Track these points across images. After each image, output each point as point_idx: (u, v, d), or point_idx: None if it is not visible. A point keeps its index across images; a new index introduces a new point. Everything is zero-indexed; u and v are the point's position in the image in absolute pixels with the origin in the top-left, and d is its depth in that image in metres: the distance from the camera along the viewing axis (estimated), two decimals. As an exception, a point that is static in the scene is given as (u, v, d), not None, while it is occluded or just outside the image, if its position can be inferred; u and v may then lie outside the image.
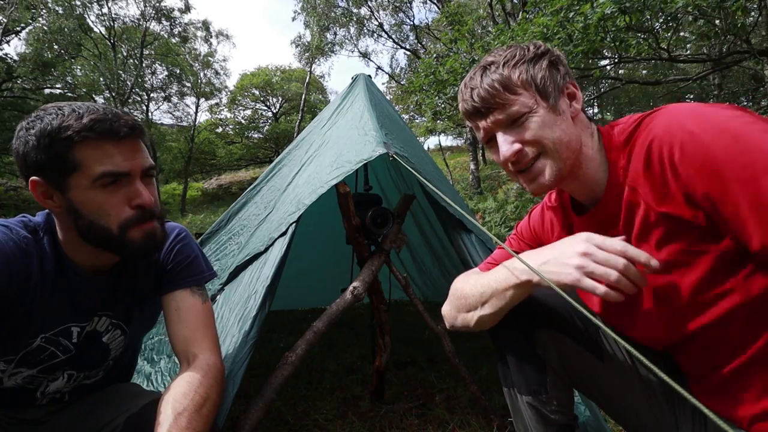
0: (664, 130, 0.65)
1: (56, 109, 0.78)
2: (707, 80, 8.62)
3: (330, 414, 1.73)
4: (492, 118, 0.77)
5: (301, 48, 18.43)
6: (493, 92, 0.76)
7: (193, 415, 0.78)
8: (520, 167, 0.78)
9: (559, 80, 0.77)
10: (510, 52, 0.78)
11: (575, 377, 0.92)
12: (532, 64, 0.76)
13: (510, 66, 0.76)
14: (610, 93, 15.75)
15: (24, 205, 13.70)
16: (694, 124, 0.62)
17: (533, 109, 0.75)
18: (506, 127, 0.77)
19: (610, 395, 0.90)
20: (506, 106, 0.75)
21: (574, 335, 0.90)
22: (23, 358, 0.83)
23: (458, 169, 15.53)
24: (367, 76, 2.35)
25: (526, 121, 0.75)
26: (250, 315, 1.27)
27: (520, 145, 0.76)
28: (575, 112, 0.78)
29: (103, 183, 0.78)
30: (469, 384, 1.60)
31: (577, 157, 0.77)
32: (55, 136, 0.75)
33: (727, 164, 0.58)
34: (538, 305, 0.91)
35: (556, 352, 0.90)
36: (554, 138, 0.74)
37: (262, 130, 23.49)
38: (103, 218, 0.79)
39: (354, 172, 1.54)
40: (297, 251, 2.62)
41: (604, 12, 3.72)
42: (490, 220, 7.27)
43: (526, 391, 0.92)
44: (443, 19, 10.05)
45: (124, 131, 0.79)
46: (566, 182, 0.80)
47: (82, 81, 15.50)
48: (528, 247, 1.01)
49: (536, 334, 0.91)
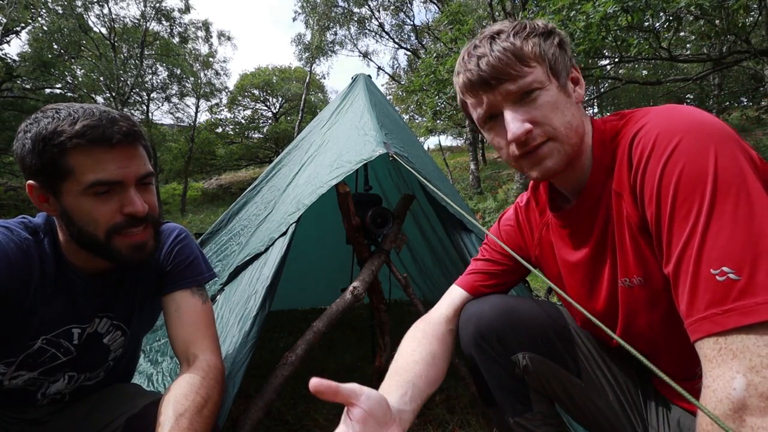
0: (648, 131, 0.63)
1: (54, 112, 0.76)
2: (707, 80, 8.62)
3: (330, 414, 1.73)
4: (502, 89, 0.68)
5: (302, 47, 18.44)
6: (507, 60, 0.67)
7: (195, 416, 0.78)
8: (526, 149, 0.70)
9: (567, 61, 0.73)
10: (519, 24, 0.71)
11: (555, 396, 0.91)
12: (544, 38, 0.70)
13: (522, 37, 0.69)
14: (610, 93, 15.75)
15: (24, 205, 13.71)
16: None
17: (545, 84, 0.69)
18: (515, 103, 0.69)
19: (589, 411, 0.88)
20: (519, 77, 0.68)
21: (553, 356, 0.88)
22: (24, 360, 0.83)
23: (458, 169, 15.53)
24: (367, 76, 2.35)
25: (538, 98, 0.68)
26: (250, 315, 1.27)
27: (530, 125, 0.68)
28: (579, 97, 0.74)
29: (95, 191, 0.77)
30: (469, 384, 1.59)
31: (581, 144, 0.73)
32: (48, 142, 0.73)
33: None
34: (517, 328, 0.88)
35: (536, 374, 0.88)
36: (564, 121, 0.69)
37: (262, 130, 23.49)
38: (90, 225, 0.78)
39: (354, 172, 1.54)
40: (297, 251, 2.62)
41: (606, 11, 3.72)
42: (490, 220, 7.27)
43: (512, 413, 0.90)
44: (443, 18, 10.05)
45: (117, 138, 0.76)
46: (567, 171, 0.75)
47: (82, 81, 15.49)
48: (499, 255, 0.98)
49: (516, 357, 0.88)
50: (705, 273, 0.52)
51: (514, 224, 0.97)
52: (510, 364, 0.88)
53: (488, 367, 0.90)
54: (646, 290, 0.70)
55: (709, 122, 0.59)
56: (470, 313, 0.92)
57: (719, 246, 0.52)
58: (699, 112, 0.61)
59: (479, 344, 0.89)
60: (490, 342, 0.88)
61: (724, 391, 0.48)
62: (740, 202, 0.53)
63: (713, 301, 0.51)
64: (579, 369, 0.88)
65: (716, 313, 0.51)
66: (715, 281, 0.51)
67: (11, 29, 13.01)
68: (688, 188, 0.56)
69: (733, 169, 0.54)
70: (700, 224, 0.54)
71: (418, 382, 0.80)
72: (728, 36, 4.72)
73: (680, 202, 0.56)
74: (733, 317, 0.49)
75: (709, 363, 0.51)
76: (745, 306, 0.49)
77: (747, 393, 0.46)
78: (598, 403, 0.86)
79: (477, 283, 0.97)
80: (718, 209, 0.53)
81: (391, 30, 16.78)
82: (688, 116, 0.61)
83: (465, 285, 0.99)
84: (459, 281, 1.01)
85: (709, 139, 0.57)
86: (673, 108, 0.64)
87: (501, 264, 0.97)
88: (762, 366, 0.47)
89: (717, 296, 0.51)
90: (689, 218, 0.55)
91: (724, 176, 0.54)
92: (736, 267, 0.50)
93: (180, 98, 19.90)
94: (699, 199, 0.54)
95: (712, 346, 0.51)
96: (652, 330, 0.73)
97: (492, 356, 0.88)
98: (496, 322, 0.87)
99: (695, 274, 0.53)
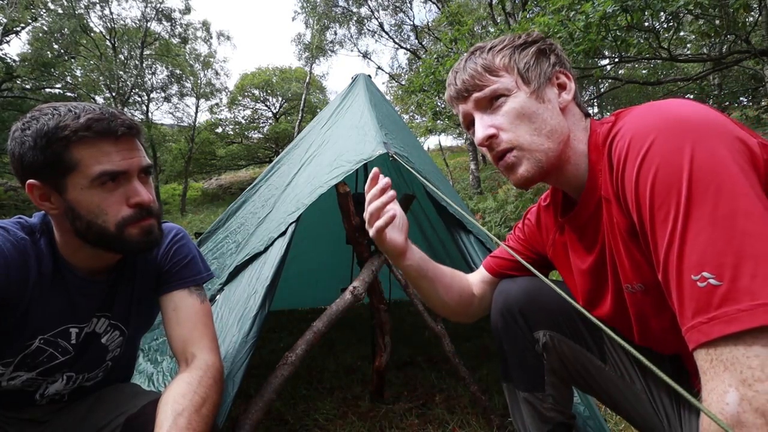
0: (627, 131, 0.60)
1: (52, 110, 0.77)
2: (707, 80, 8.61)
3: (330, 414, 1.73)
4: (471, 98, 0.76)
5: (301, 47, 18.44)
6: (475, 74, 0.75)
7: (193, 415, 0.78)
8: (495, 155, 0.75)
9: (547, 68, 0.74)
10: (500, 39, 0.78)
11: (576, 376, 0.92)
12: (519, 50, 0.75)
13: (495, 51, 0.76)
14: (610, 93, 15.73)
15: (24, 205, 13.70)
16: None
17: (512, 92, 0.72)
18: (485, 109, 0.75)
19: (613, 394, 0.89)
20: (485, 86, 0.74)
21: (576, 337, 0.90)
22: (22, 360, 0.83)
23: (458, 169, 15.52)
24: (367, 76, 2.35)
25: (504, 104, 0.73)
26: (249, 315, 1.26)
27: (494, 130, 0.73)
28: (564, 102, 0.74)
29: (102, 182, 0.78)
30: (469, 384, 1.59)
31: (563, 150, 0.72)
32: (52, 136, 0.74)
33: None
34: (540, 307, 0.91)
35: (556, 353, 0.91)
36: (532, 128, 0.71)
37: (262, 130, 23.47)
38: (100, 218, 0.79)
39: (354, 172, 1.54)
40: (297, 251, 2.62)
41: (605, 11, 3.71)
42: (490, 220, 7.27)
43: (524, 388, 0.94)
44: (443, 19, 10.05)
45: (122, 130, 0.79)
46: (553, 177, 0.76)
47: (82, 81, 15.48)
48: (522, 248, 1.00)
49: (537, 334, 0.91)
50: (687, 280, 0.50)
51: (534, 222, 0.98)
52: (532, 340, 0.92)
53: (510, 339, 0.94)
54: (649, 296, 0.68)
55: (687, 117, 0.55)
56: (501, 288, 0.98)
57: (697, 250, 0.49)
58: (682, 106, 0.57)
59: (505, 317, 0.94)
60: (514, 316, 0.92)
61: (718, 406, 0.46)
62: (720, 201, 0.49)
63: (698, 309, 0.49)
64: (604, 354, 0.89)
65: (702, 322, 0.48)
66: (698, 288, 0.49)
67: (11, 29, 13.00)
68: (663, 190, 0.53)
69: (712, 165, 0.50)
70: (678, 228, 0.51)
71: (434, 268, 0.97)
72: (728, 36, 4.72)
73: (657, 206, 0.54)
74: (716, 326, 0.47)
75: (704, 375, 0.49)
76: (726, 314, 0.46)
77: (741, 408, 0.44)
78: (624, 389, 0.87)
79: (499, 268, 1.03)
80: (696, 210, 0.50)
81: (391, 30, 16.78)
82: (665, 113, 0.57)
83: (488, 267, 1.05)
84: (484, 263, 1.07)
85: (685, 136, 0.53)
86: (654, 105, 0.61)
87: (522, 255, 1.00)
88: (754, 379, 0.44)
89: (701, 304, 0.48)
90: (667, 222, 0.52)
91: (699, 174, 0.50)
92: (716, 272, 0.47)
93: (180, 98, 19.93)
94: (675, 201, 0.52)
95: (705, 358, 0.49)
96: (665, 333, 0.71)
97: (515, 330, 0.93)
98: (522, 298, 0.92)
99: (679, 281, 0.51)
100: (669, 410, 0.83)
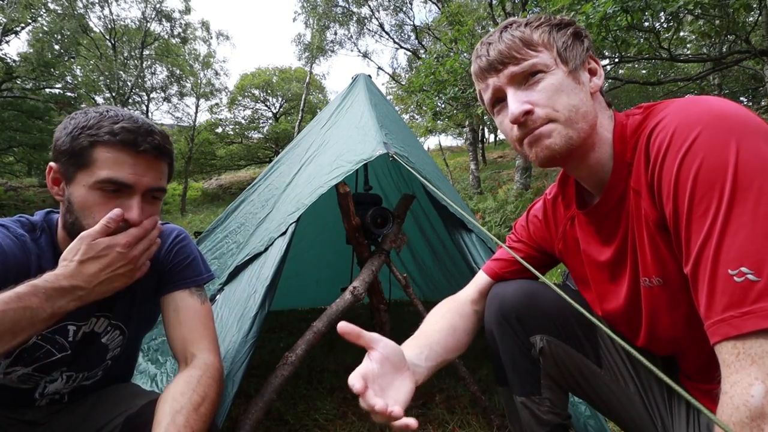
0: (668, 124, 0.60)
1: (104, 110, 0.83)
2: (707, 80, 8.62)
3: (330, 414, 1.73)
4: (506, 72, 0.70)
5: (302, 47, 18.43)
6: (513, 46, 0.70)
7: (191, 414, 0.78)
8: (526, 131, 0.70)
9: (582, 51, 0.72)
10: (534, 16, 0.74)
11: (572, 381, 0.92)
12: (557, 29, 0.72)
13: (533, 26, 0.72)
14: (610, 93, 15.73)
15: (24, 205, 13.70)
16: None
17: (551, 68, 0.69)
18: (519, 84, 0.71)
19: (607, 399, 0.89)
20: (523, 60, 0.69)
21: (572, 341, 0.89)
22: (19, 355, 0.83)
23: (458, 169, 15.53)
24: (367, 76, 2.35)
25: (542, 80, 0.69)
26: (249, 315, 1.26)
27: (530, 106, 0.68)
28: (595, 87, 0.73)
29: (104, 187, 0.79)
30: (469, 384, 1.59)
31: (591, 133, 0.70)
32: (84, 130, 0.79)
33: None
34: (537, 311, 0.90)
35: (552, 357, 0.90)
36: (569, 104, 0.68)
37: (262, 130, 23.47)
38: (87, 219, 0.80)
39: (354, 172, 1.54)
40: (297, 251, 2.62)
41: (606, 11, 3.71)
42: (490, 220, 7.27)
43: (520, 392, 0.93)
44: (443, 19, 10.04)
45: (145, 147, 0.81)
46: (574, 161, 0.73)
47: (82, 81, 15.48)
48: (525, 246, 1.00)
49: (534, 339, 0.90)
50: (723, 274, 0.50)
51: (541, 217, 0.97)
52: (528, 344, 0.91)
53: (506, 344, 0.93)
54: (666, 291, 0.68)
55: (732, 113, 0.56)
56: (495, 292, 0.96)
57: (737, 245, 0.50)
58: (724, 102, 0.58)
59: (500, 321, 0.92)
60: (510, 320, 0.91)
61: (742, 398, 0.47)
62: (762, 199, 0.50)
63: (731, 303, 0.49)
64: (599, 358, 0.88)
65: (734, 316, 0.49)
66: (733, 282, 0.49)
67: (11, 29, 13.00)
68: (706, 184, 0.53)
69: (756, 163, 0.51)
70: (718, 222, 0.51)
71: (436, 347, 0.85)
72: (728, 36, 4.72)
73: (698, 199, 0.54)
74: (750, 320, 0.47)
75: (727, 368, 0.50)
76: (763, 309, 0.47)
77: (766, 400, 0.45)
78: (618, 393, 0.87)
79: (501, 270, 1.00)
80: (738, 206, 0.51)
81: (391, 30, 16.77)
82: (709, 107, 0.58)
83: (489, 271, 1.02)
84: (484, 267, 1.04)
85: (731, 132, 0.54)
86: (695, 99, 0.61)
87: (524, 253, 0.99)
88: None
89: (735, 298, 0.49)
90: (707, 216, 0.53)
91: (745, 171, 0.51)
92: (755, 267, 0.48)
93: (180, 98, 19.94)
94: (718, 195, 0.52)
95: (730, 351, 0.49)
96: (675, 331, 0.72)
97: (511, 334, 0.91)
98: (518, 302, 0.90)
99: (713, 274, 0.52)
100: (663, 411, 0.83)
